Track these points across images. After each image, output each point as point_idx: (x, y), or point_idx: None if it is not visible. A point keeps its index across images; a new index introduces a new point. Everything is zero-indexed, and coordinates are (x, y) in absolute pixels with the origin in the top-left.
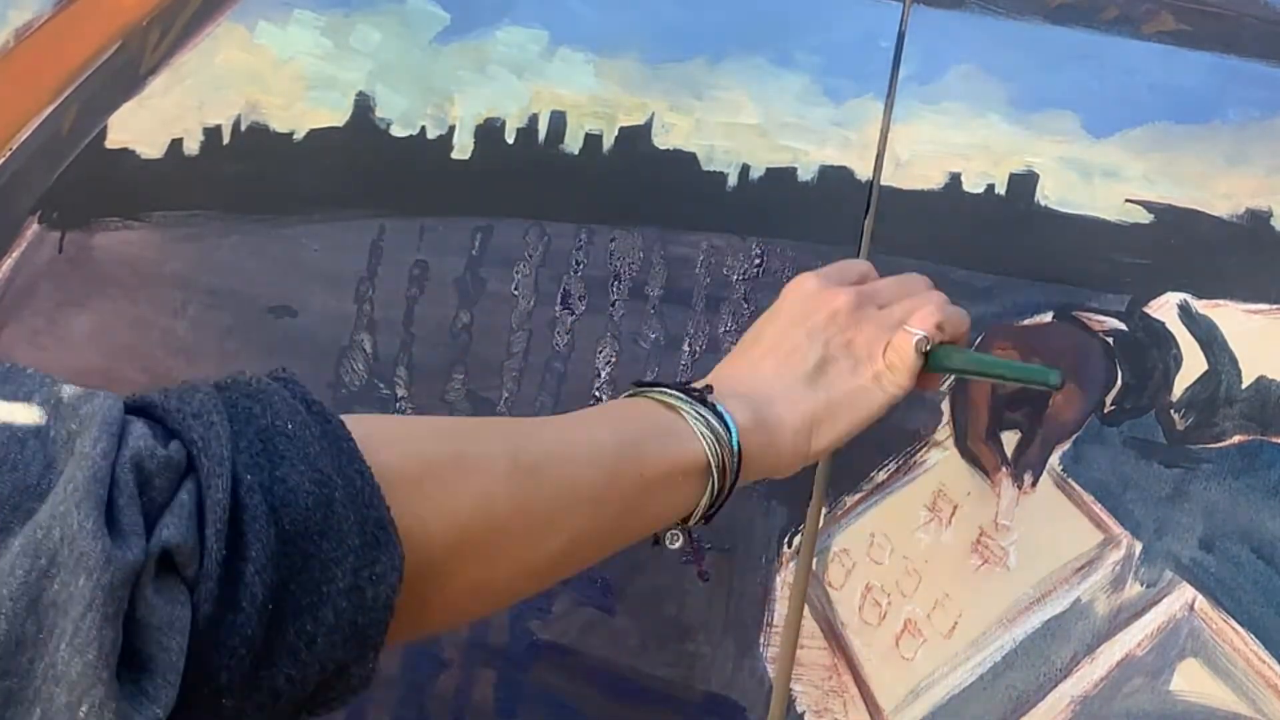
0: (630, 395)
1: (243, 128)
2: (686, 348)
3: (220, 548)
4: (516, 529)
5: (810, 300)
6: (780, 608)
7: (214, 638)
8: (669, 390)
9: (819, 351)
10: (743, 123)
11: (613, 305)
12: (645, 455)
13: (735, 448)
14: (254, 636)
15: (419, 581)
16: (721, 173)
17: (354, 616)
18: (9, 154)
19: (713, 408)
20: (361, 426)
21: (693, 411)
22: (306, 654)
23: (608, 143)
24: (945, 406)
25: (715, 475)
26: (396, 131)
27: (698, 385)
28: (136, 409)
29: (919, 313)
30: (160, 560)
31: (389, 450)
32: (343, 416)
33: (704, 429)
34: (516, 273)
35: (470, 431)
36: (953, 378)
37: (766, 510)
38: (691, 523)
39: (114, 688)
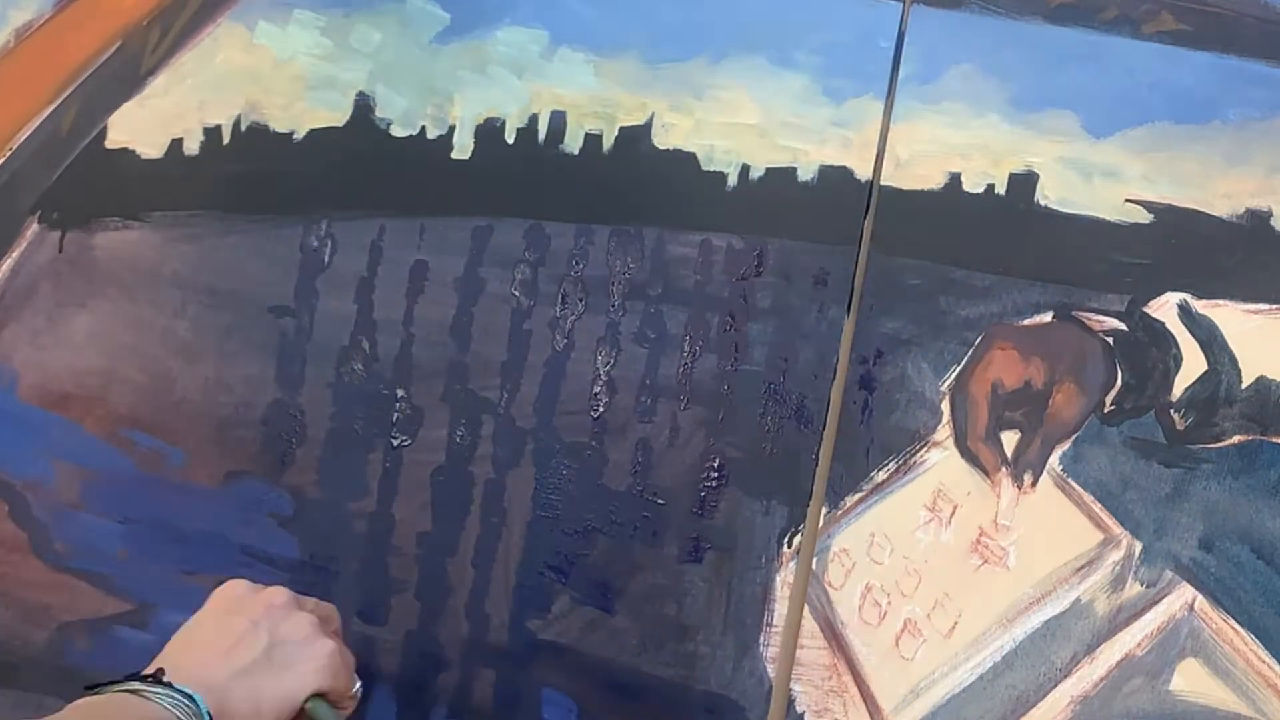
0: (93, 694)
1: (243, 128)
2: (686, 348)
3: None
4: None
5: (247, 597)
6: (780, 608)
7: None
8: (132, 683)
9: (263, 641)
10: (743, 123)
11: (613, 305)
12: None
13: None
14: None
15: None
16: (721, 173)
17: None
18: (9, 154)
19: (181, 690)
20: None
21: (163, 695)
22: None
23: (608, 143)
24: (945, 406)
25: None
26: (396, 131)
27: (149, 672)
28: None
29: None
30: None
31: None
32: None
33: (181, 712)
34: (516, 273)
35: None
36: None
37: (766, 510)
38: None
39: None
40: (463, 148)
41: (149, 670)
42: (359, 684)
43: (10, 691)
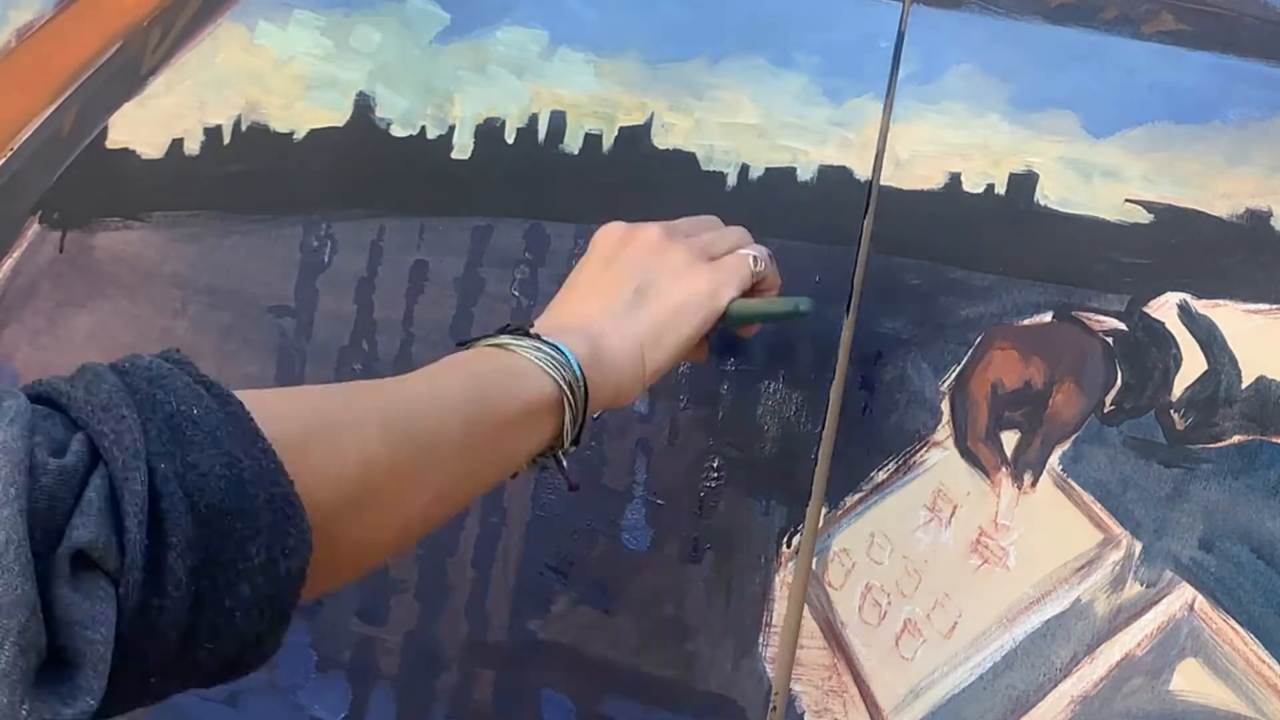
0: (462, 349)
1: (243, 128)
2: None
3: (143, 538)
4: (390, 488)
5: (620, 239)
6: (780, 608)
7: (142, 625)
8: (501, 336)
9: (635, 280)
10: (742, 123)
11: None
12: (498, 400)
13: (580, 375)
14: (180, 620)
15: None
16: (721, 173)
17: (269, 590)
18: (10, 154)
19: (549, 343)
20: (250, 403)
21: (531, 350)
22: (227, 629)
23: (607, 143)
24: (945, 406)
25: (569, 404)
26: (396, 131)
27: (525, 327)
28: (39, 397)
29: (749, 244)
30: (74, 558)
31: (275, 425)
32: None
33: (546, 363)
34: (516, 273)
35: (342, 399)
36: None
37: (766, 510)
38: (562, 448)
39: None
40: (463, 148)
41: (525, 326)
42: (758, 263)
43: None
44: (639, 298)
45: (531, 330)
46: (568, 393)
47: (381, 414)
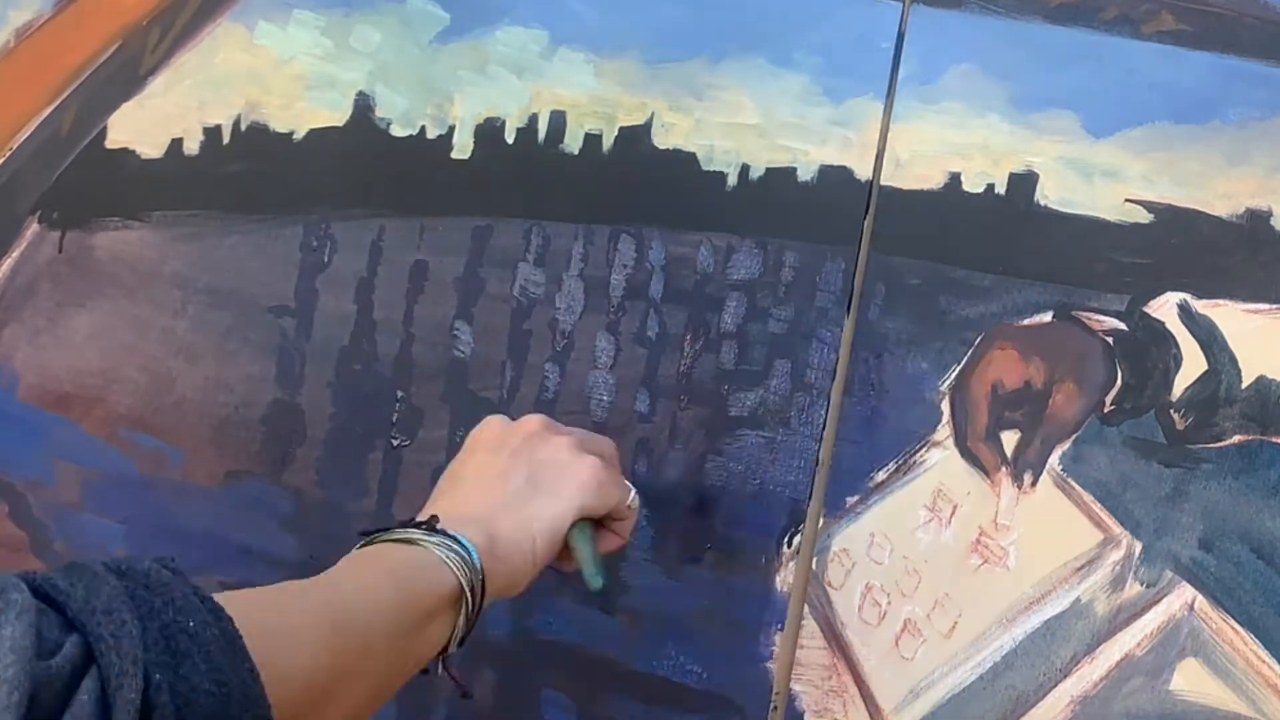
0: (366, 544)
1: (243, 127)
2: (686, 347)
3: None
4: (337, 685)
5: (503, 430)
6: (780, 608)
7: None
8: (404, 530)
9: (524, 470)
10: (742, 123)
11: (612, 305)
12: (417, 594)
13: (479, 567)
14: None
15: None
16: (721, 173)
17: None
18: (9, 154)
19: (450, 535)
20: (228, 606)
21: (435, 542)
22: None
23: (607, 143)
24: (945, 406)
25: (468, 597)
26: (396, 131)
27: (422, 519)
28: (35, 591)
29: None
30: None
31: (250, 639)
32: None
33: (448, 555)
34: (516, 273)
35: (295, 601)
36: None
37: (766, 510)
38: (451, 650)
39: None
40: (462, 148)
41: (421, 518)
42: (634, 492)
43: None
44: (530, 486)
45: (437, 525)
46: (467, 590)
47: (329, 616)
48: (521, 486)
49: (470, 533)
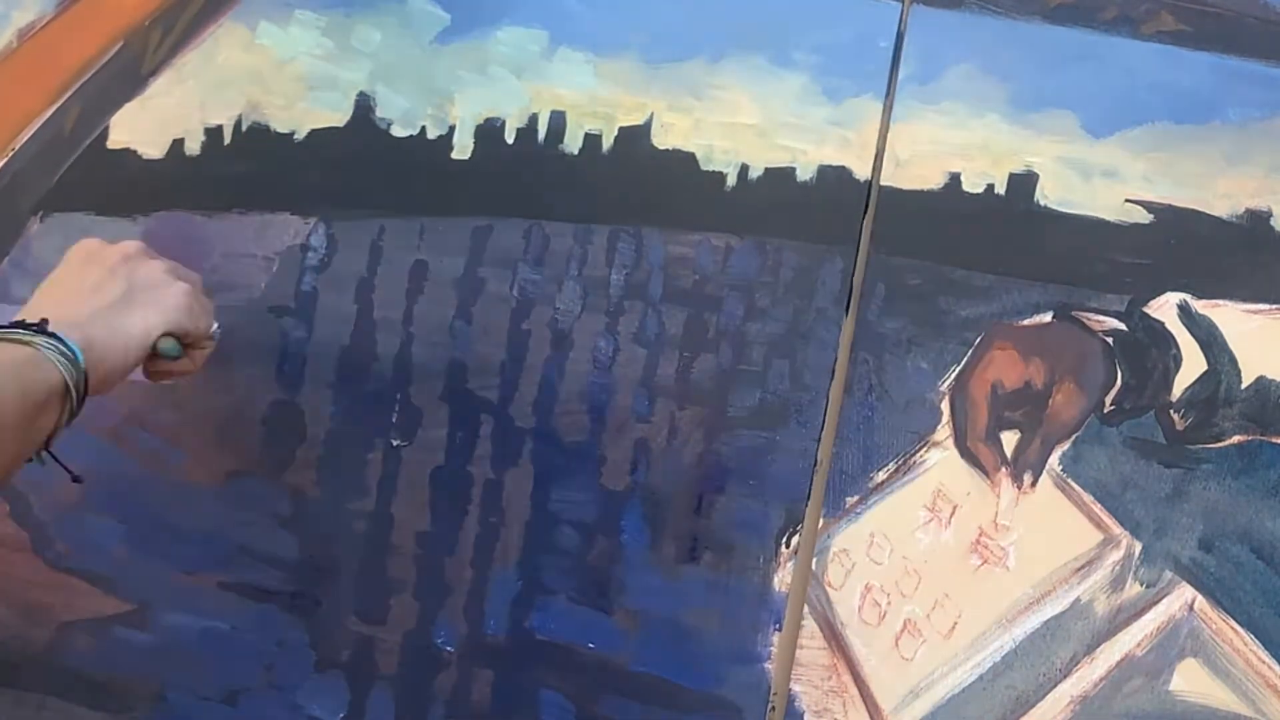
0: None
1: (244, 128)
2: (685, 348)
3: None
4: None
5: (100, 248)
6: (779, 608)
7: None
8: (16, 331)
9: (122, 285)
10: (741, 122)
11: (612, 305)
12: (33, 388)
13: (82, 367)
14: None
15: None
16: (720, 172)
17: None
18: (11, 154)
19: (58, 338)
20: None
21: (45, 344)
22: None
23: (607, 143)
24: (945, 406)
25: (73, 394)
26: (397, 131)
27: (32, 320)
28: None
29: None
30: None
31: None
32: None
33: (57, 357)
34: (516, 273)
35: None
36: None
37: (765, 510)
38: (51, 443)
39: None
40: (463, 148)
41: (25, 318)
42: (217, 325)
43: (10, 692)
44: (126, 302)
45: (46, 327)
46: (73, 387)
47: None
48: (118, 300)
49: (75, 336)
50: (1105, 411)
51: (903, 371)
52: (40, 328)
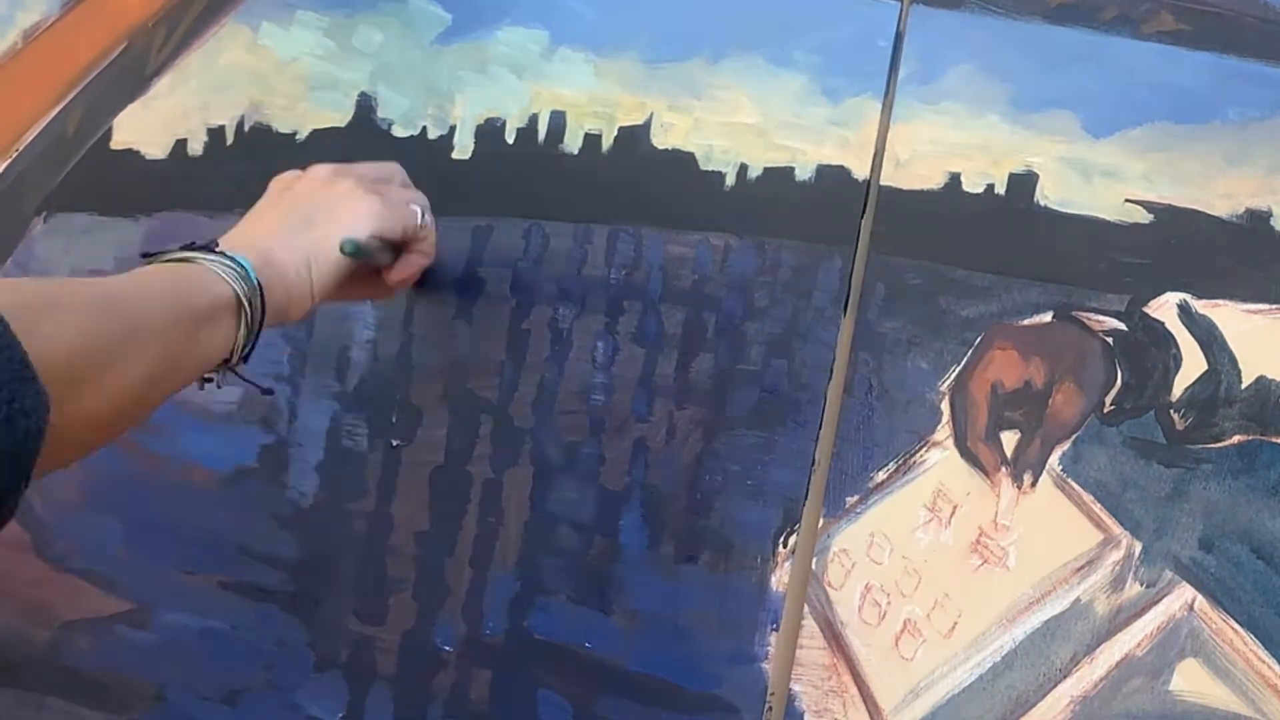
0: (147, 263)
1: (246, 128)
2: (684, 347)
3: None
4: (106, 361)
5: (292, 178)
6: (778, 608)
7: None
8: (185, 252)
9: (303, 209)
10: (741, 122)
11: (612, 305)
12: (189, 296)
13: (257, 285)
14: None
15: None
16: (720, 172)
17: (10, 446)
18: (15, 154)
19: (230, 256)
20: None
21: (209, 259)
22: None
23: (607, 142)
24: (945, 406)
25: (247, 311)
26: (398, 131)
27: (208, 245)
28: None
29: (415, 193)
30: None
31: (2, 297)
32: None
33: (228, 274)
34: (516, 273)
35: (58, 285)
36: None
37: (764, 511)
38: (234, 361)
39: None
40: (463, 148)
41: (203, 244)
42: (422, 210)
43: (10, 691)
44: (305, 221)
45: (215, 247)
46: (246, 302)
47: (93, 293)
48: (297, 221)
49: (248, 254)
50: (1105, 411)
51: (902, 371)
52: (207, 247)
